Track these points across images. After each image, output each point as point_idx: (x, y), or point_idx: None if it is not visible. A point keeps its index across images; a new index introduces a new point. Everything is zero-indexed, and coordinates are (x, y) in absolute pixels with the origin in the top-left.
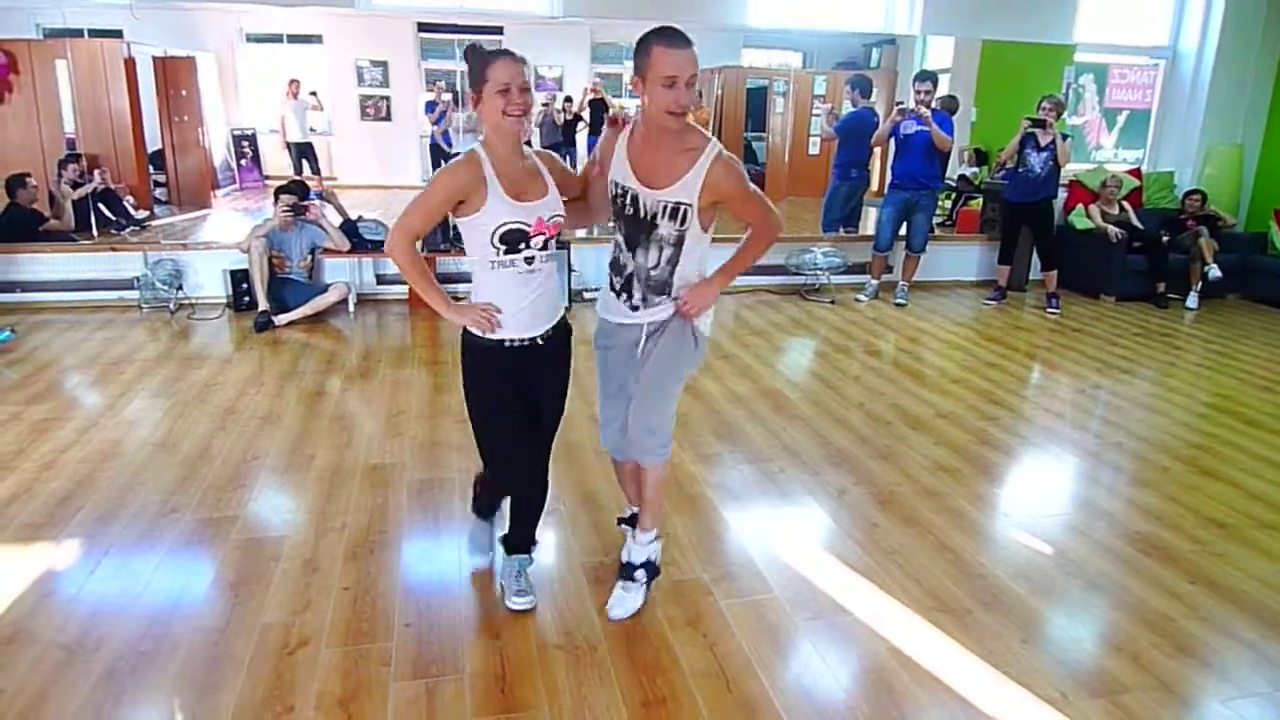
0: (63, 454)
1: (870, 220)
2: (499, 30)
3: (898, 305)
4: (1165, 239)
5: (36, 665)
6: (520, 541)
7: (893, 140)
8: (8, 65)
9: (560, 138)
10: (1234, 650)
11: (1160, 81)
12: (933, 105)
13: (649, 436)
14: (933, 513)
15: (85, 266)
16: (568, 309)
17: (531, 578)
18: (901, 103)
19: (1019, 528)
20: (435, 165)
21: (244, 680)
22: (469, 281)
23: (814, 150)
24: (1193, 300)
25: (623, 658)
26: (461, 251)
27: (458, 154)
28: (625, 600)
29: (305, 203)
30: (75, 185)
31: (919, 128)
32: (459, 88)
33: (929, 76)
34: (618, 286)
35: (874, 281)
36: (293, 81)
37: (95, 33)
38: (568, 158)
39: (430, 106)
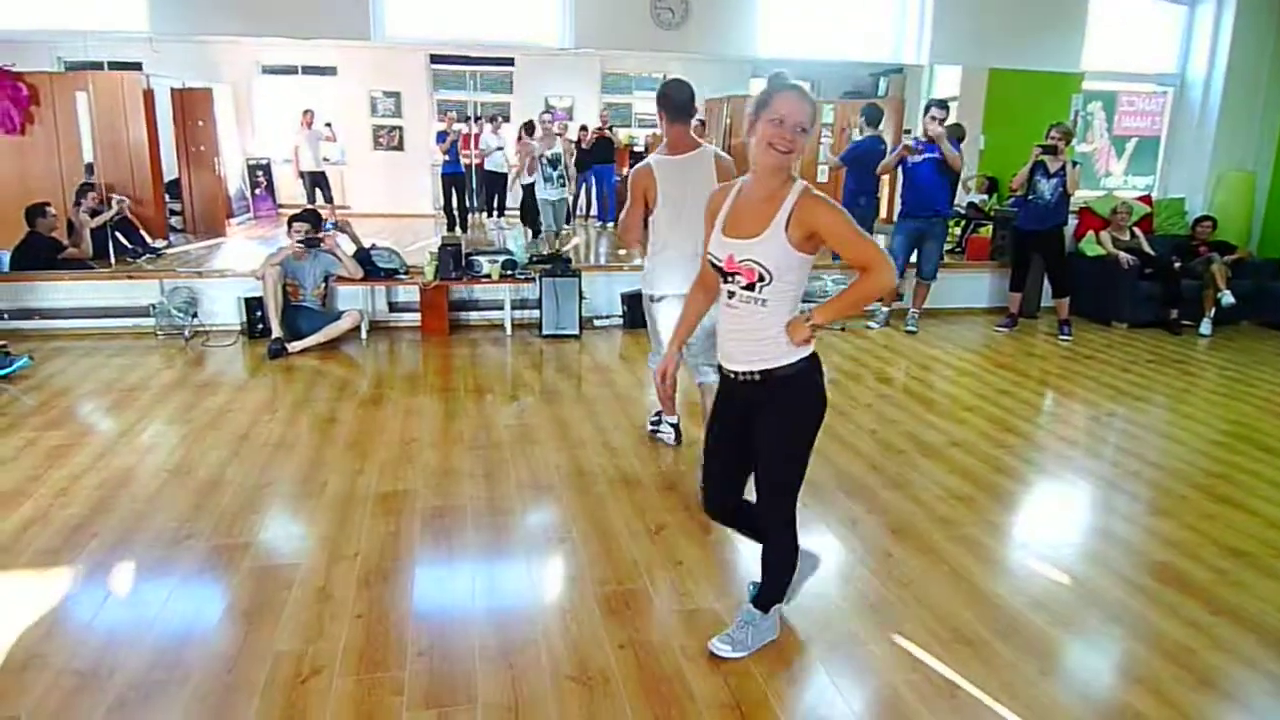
0: (77, 480)
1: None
2: (510, 62)
3: (909, 332)
4: (1178, 265)
5: (50, 692)
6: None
7: (900, 168)
8: (29, 97)
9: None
10: (1257, 682)
11: (1169, 108)
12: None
13: None
14: (947, 541)
15: (102, 294)
16: None
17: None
18: (909, 130)
19: (1035, 557)
20: (447, 194)
21: (256, 709)
22: (479, 309)
23: (823, 178)
24: (1206, 327)
25: (636, 689)
26: (475, 279)
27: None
28: None
29: (320, 235)
30: (94, 213)
31: (928, 155)
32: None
33: (942, 104)
34: None
35: (885, 309)
36: (307, 112)
37: (115, 65)
38: (584, 185)
39: (441, 136)
